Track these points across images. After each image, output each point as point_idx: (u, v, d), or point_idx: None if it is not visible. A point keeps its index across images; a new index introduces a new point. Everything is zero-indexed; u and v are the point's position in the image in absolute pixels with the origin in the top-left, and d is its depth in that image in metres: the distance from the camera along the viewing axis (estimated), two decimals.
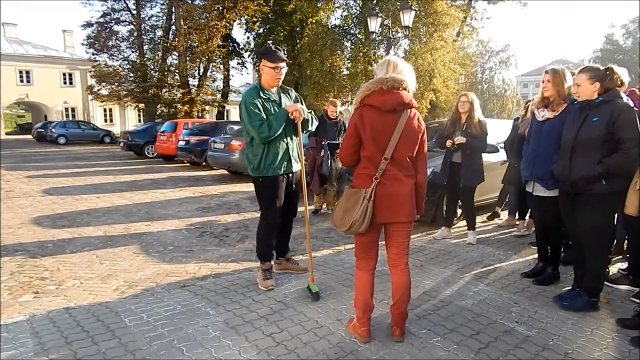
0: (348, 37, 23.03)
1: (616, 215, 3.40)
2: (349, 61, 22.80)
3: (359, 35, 22.55)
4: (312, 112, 3.56)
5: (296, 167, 3.49)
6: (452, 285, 3.49)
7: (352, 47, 22.57)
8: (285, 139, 3.36)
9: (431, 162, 5.77)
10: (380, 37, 19.56)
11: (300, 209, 3.78)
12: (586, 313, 2.96)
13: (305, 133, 3.71)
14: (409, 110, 2.47)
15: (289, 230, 3.75)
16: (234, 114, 39.77)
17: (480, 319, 2.88)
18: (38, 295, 3.48)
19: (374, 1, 20.77)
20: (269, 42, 25.69)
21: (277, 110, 3.31)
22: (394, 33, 15.70)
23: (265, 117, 3.21)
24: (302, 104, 3.51)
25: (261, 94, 3.29)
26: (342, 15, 24.42)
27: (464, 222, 5.73)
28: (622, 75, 2.95)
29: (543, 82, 3.25)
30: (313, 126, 3.57)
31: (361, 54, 20.78)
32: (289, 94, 3.51)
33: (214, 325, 2.75)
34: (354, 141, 2.49)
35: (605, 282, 3.42)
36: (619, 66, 3.00)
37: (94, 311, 2.99)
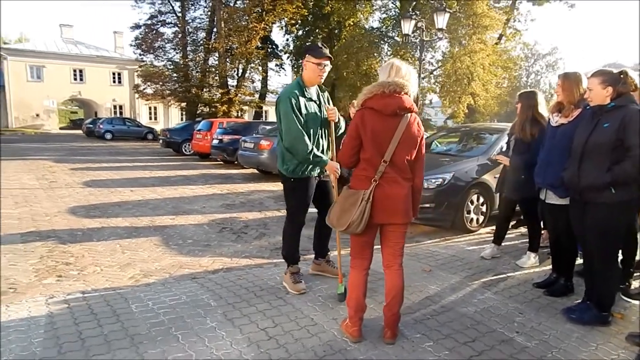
0: (385, 39, 22.90)
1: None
2: None
3: (396, 38, 22.38)
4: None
5: None
6: (457, 291, 3.42)
7: (390, 49, 22.42)
8: (321, 141, 3.32)
9: (453, 167, 5.70)
10: (418, 40, 19.34)
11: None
12: (595, 327, 2.83)
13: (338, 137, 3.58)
14: (409, 115, 2.48)
15: (330, 230, 3.52)
16: (272, 114, 40.40)
17: (479, 326, 2.82)
18: (61, 278, 3.73)
19: (413, 3, 20.56)
20: (307, 43, 25.95)
21: (316, 111, 3.24)
22: (432, 35, 15.48)
23: (304, 120, 3.13)
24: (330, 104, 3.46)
25: (305, 93, 3.21)
26: (380, 18, 24.34)
27: (485, 230, 5.62)
28: (637, 79, 2.80)
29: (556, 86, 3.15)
30: (341, 128, 3.51)
31: (398, 56, 20.60)
32: (324, 94, 3.43)
33: (213, 316, 2.85)
34: (355, 143, 2.52)
35: (623, 297, 3.28)
36: None
37: (106, 296, 3.16)
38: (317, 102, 3.30)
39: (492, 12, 19.56)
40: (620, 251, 3.20)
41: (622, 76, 2.65)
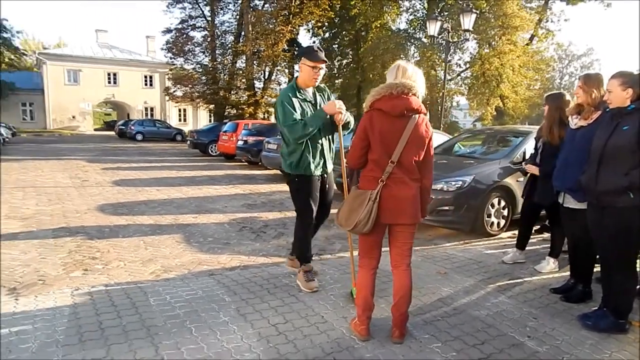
0: (412, 41, 22.72)
1: None
2: None
3: (423, 40, 22.19)
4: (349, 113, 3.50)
5: (331, 168, 3.51)
6: (471, 294, 3.40)
7: (416, 50, 22.25)
8: (321, 140, 3.35)
9: (474, 169, 5.63)
10: (444, 41, 19.14)
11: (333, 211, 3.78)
12: (611, 335, 2.76)
13: (348, 134, 3.63)
14: (417, 116, 2.51)
15: (316, 230, 3.72)
16: None
17: (490, 330, 2.80)
18: (86, 272, 3.91)
19: (441, 4, 20.35)
20: (334, 45, 26.10)
21: (312, 111, 3.32)
22: (459, 36, 15.29)
23: (300, 117, 3.20)
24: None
25: (297, 94, 3.29)
26: (408, 19, 24.20)
27: (506, 234, 5.53)
28: None
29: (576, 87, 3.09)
30: (352, 126, 3.48)
31: (425, 57, 20.41)
32: (323, 94, 3.49)
33: (226, 311, 2.94)
34: (363, 144, 2.55)
35: None
36: None
37: (127, 290, 3.30)
38: (313, 102, 3.37)
39: (523, 12, 19.12)
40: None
41: None
